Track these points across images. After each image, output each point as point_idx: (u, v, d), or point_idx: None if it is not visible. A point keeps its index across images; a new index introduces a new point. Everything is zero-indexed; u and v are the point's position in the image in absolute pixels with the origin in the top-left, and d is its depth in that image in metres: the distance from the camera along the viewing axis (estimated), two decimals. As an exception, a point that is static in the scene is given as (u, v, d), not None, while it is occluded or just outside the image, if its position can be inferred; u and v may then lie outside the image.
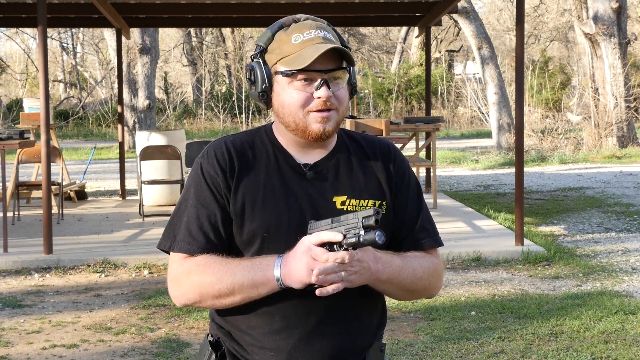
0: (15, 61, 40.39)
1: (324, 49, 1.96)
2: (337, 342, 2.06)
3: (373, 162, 2.13)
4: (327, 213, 2.02)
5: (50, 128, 8.94)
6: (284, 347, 2.04)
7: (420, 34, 13.67)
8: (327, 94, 1.99)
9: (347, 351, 2.07)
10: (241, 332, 2.08)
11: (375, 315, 2.14)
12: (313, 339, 2.04)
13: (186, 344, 5.38)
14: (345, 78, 2.05)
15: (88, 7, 11.21)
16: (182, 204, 2.11)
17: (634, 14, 30.58)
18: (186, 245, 2.08)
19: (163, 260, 7.65)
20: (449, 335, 5.42)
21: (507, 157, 17.61)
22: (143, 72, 20.78)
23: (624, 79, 19.27)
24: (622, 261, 7.74)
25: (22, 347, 5.33)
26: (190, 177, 2.12)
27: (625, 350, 5.10)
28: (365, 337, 2.11)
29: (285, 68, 2.00)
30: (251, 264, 1.97)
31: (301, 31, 2.02)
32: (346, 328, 2.07)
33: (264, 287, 1.96)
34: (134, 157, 11.99)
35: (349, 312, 2.07)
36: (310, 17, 2.08)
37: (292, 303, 2.02)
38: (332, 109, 2.02)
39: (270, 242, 2.03)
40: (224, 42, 35.91)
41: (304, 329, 2.04)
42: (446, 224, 9.42)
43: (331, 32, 2.05)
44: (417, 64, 29.31)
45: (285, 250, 1.98)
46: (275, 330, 2.04)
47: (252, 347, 2.07)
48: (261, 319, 2.05)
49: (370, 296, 2.10)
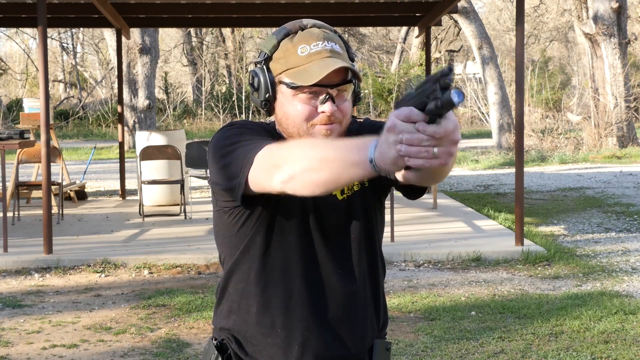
0: (15, 61, 40.40)
1: (332, 66, 1.92)
2: (339, 348, 2.07)
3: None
4: (331, 209, 2.04)
5: (50, 128, 8.94)
6: (286, 351, 2.05)
7: (420, 34, 13.66)
8: (331, 109, 1.97)
9: (350, 355, 2.08)
10: (245, 339, 2.09)
11: (379, 315, 2.15)
12: (313, 344, 2.05)
13: (186, 344, 5.38)
14: (350, 89, 2.03)
15: (88, 7, 11.21)
16: (234, 146, 1.93)
17: (634, 14, 30.57)
18: (267, 142, 1.90)
19: (163, 260, 7.65)
20: (449, 335, 5.42)
21: (507, 157, 17.60)
22: (143, 72, 20.78)
23: (624, 79, 19.27)
24: (622, 261, 7.74)
25: (22, 347, 5.33)
26: (230, 131, 1.99)
27: (625, 350, 5.10)
28: (369, 338, 2.12)
29: (290, 80, 1.97)
30: (349, 143, 1.71)
31: (308, 42, 1.98)
32: (350, 332, 2.08)
33: (359, 168, 1.67)
34: (134, 157, 11.99)
35: (352, 314, 2.08)
36: (317, 24, 2.04)
37: (293, 312, 2.04)
38: (335, 122, 2.00)
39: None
40: (224, 42, 35.91)
41: (305, 336, 2.05)
42: (446, 224, 9.42)
43: (338, 41, 2.02)
44: (417, 64, 29.29)
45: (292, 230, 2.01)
46: (276, 337, 2.05)
47: (254, 350, 2.08)
48: (263, 328, 2.06)
49: (373, 295, 2.11)
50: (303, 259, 2.04)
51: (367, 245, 2.09)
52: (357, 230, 2.08)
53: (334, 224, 2.06)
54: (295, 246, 2.03)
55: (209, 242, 8.51)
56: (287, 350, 2.05)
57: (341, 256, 2.07)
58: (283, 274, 2.04)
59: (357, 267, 2.08)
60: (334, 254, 2.06)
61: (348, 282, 2.07)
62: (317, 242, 2.05)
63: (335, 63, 1.94)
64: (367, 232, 2.09)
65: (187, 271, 7.42)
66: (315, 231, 2.04)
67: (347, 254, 2.07)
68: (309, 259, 2.04)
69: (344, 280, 2.06)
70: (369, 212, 2.10)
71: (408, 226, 9.12)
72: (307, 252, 2.04)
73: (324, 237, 2.05)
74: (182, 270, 7.44)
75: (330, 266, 2.05)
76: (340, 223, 2.07)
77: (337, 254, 2.07)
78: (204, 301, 6.34)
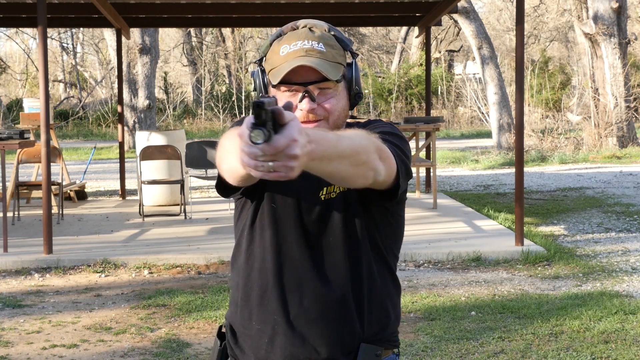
0: (15, 61, 40.39)
1: (294, 64, 1.97)
2: (307, 348, 2.07)
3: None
4: (311, 208, 2.06)
5: (50, 128, 8.94)
6: (258, 343, 2.12)
7: (420, 34, 13.67)
8: (308, 107, 2.00)
9: (318, 357, 2.08)
10: (236, 329, 2.18)
11: (364, 319, 2.11)
12: (282, 339, 2.08)
13: (186, 344, 5.38)
14: (339, 87, 2.04)
15: (88, 7, 11.21)
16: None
17: (634, 14, 30.57)
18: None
19: (163, 260, 7.65)
20: (449, 335, 5.42)
21: (507, 157, 17.60)
22: (143, 72, 20.78)
23: (624, 79, 19.26)
24: (622, 261, 7.74)
25: (22, 347, 5.33)
26: (232, 128, 2.00)
27: (625, 350, 5.11)
28: (349, 342, 2.10)
29: (271, 80, 2.03)
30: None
31: (289, 42, 2.02)
32: (322, 333, 2.08)
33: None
34: (134, 157, 11.99)
35: (325, 315, 2.07)
36: (309, 24, 2.07)
37: (266, 307, 2.09)
38: (318, 120, 2.01)
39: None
40: (224, 42, 35.91)
41: (275, 330, 2.09)
42: (446, 224, 9.42)
43: (327, 40, 2.04)
44: (417, 64, 29.29)
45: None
46: (251, 329, 2.13)
47: (241, 340, 2.16)
48: (243, 319, 2.15)
49: (356, 299, 2.09)
50: (278, 255, 2.08)
51: (347, 248, 2.08)
52: (337, 232, 2.08)
53: (312, 223, 2.08)
54: (272, 242, 2.09)
55: (209, 242, 8.51)
56: (259, 344, 2.11)
57: (318, 256, 2.08)
58: (261, 268, 2.10)
59: (334, 269, 2.08)
60: (310, 253, 2.08)
61: (323, 283, 2.07)
62: (295, 240, 2.08)
63: (300, 61, 1.97)
64: (349, 235, 2.08)
65: (187, 271, 7.42)
66: (294, 229, 2.08)
67: (324, 255, 2.08)
68: (285, 256, 2.08)
69: (319, 280, 2.07)
70: (351, 214, 2.08)
71: (408, 226, 9.04)
72: (283, 250, 2.08)
73: (303, 235, 2.08)
74: (182, 270, 7.44)
75: (305, 265, 2.07)
76: (319, 223, 2.08)
77: (314, 254, 2.08)
78: (204, 301, 6.35)
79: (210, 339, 5.47)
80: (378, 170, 1.83)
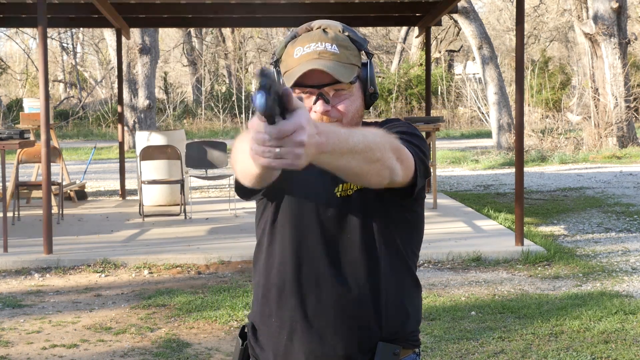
0: (15, 61, 40.40)
1: (307, 67, 1.97)
2: (324, 343, 2.08)
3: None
4: (327, 206, 2.06)
5: (50, 128, 8.94)
6: (277, 340, 2.13)
7: (420, 34, 13.66)
8: (322, 109, 2.00)
9: (334, 352, 2.08)
10: (257, 327, 2.19)
11: (381, 317, 2.11)
12: (299, 336, 2.09)
13: (186, 344, 5.38)
14: (353, 88, 2.04)
15: (88, 7, 11.21)
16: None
17: (634, 14, 30.58)
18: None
19: (163, 260, 7.66)
20: (449, 335, 5.42)
21: (507, 157, 17.60)
22: (143, 72, 20.78)
23: (624, 79, 19.26)
24: (622, 261, 7.74)
25: (22, 347, 5.33)
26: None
27: (625, 350, 5.11)
28: (366, 340, 2.10)
29: (286, 82, 2.02)
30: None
31: (303, 44, 2.03)
32: (340, 329, 2.08)
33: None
34: (134, 157, 11.99)
35: (342, 312, 2.08)
36: (323, 25, 2.07)
37: (285, 303, 2.10)
38: (333, 121, 2.02)
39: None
40: (224, 42, 35.91)
41: (293, 327, 2.10)
42: (446, 224, 9.42)
43: (341, 42, 2.04)
44: (417, 64, 29.30)
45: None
46: (271, 325, 2.14)
47: (261, 338, 2.18)
48: (262, 316, 2.16)
49: (373, 297, 2.09)
50: (297, 252, 2.09)
51: (365, 246, 2.08)
52: (354, 230, 2.08)
53: (330, 221, 2.08)
54: (292, 240, 2.10)
55: (209, 242, 8.51)
56: (278, 340, 2.12)
57: (336, 254, 2.08)
58: (280, 266, 2.11)
59: (352, 266, 2.08)
60: (329, 251, 2.08)
61: (340, 279, 2.08)
62: (313, 237, 2.09)
63: (313, 64, 1.97)
64: (366, 233, 2.08)
65: (187, 271, 7.42)
66: (313, 227, 2.08)
67: (343, 252, 2.09)
68: (304, 253, 2.09)
69: (337, 277, 2.07)
70: (369, 212, 2.08)
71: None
72: (302, 247, 2.09)
73: (321, 233, 2.08)
74: (182, 270, 7.44)
75: (323, 262, 2.08)
76: (336, 221, 2.08)
77: (333, 252, 2.08)
78: (204, 301, 6.35)
79: (210, 338, 5.47)
80: (394, 169, 1.82)
